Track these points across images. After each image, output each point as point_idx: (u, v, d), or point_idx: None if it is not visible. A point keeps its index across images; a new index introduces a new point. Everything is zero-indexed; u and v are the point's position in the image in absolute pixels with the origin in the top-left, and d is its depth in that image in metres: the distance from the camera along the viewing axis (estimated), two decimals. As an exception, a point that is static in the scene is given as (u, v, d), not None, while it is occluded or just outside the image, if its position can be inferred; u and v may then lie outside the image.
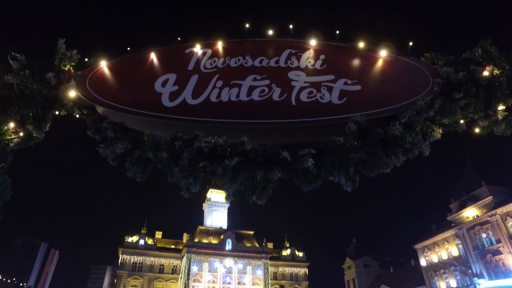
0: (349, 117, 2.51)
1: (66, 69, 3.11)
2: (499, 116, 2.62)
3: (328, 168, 2.30)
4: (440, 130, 2.60)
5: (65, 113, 3.19)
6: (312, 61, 3.17)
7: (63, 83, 3.00)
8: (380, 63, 3.10)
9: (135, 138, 2.80)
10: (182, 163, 2.38)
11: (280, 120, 2.68)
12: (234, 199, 2.38)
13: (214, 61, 3.27)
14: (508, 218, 35.13)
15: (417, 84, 2.87)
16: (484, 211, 38.04)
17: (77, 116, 3.20)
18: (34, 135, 3.07)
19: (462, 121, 2.64)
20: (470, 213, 40.54)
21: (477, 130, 2.75)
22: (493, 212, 36.35)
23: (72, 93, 3.01)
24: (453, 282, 42.23)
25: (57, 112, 3.16)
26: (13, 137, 3.02)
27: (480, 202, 38.87)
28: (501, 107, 2.62)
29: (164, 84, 3.12)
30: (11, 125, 2.98)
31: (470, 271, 38.91)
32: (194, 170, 2.35)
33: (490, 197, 37.61)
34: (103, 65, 3.31)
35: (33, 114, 2.95)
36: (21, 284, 15.89)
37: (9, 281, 14.52)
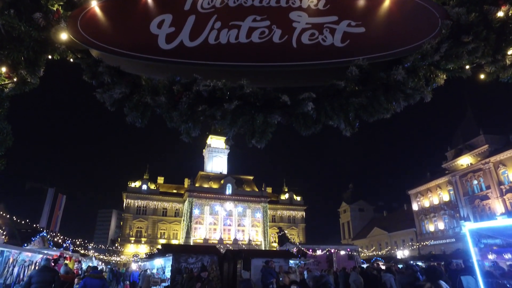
0: (351, 60, 2.42)
1: (55, 9, 2.94)
2: (507, 61, 2.53)
3: (328, 112, 2.29)
4: (444, 76, 2.53)
5: (59, 57, 3.08)
6: (315, 1, 2.99)
7: (52, 24, 2.86)
8: (386, 3, 2.92)
9: (132, 83, 2.75)
10: (181, 107, 2.36)
11: (280, 63, 2.60)
12: (233, 143, 2.40)
13: (212, 0, 3.08)
14: (501, 166, 36.05)
15: (424, 26, 2.73)
16: (479, 159, 38.88)
17: (71, 60, 3.09)
18: (28, 80, 3.00)
19: (467, 67, 2.55)
20: (465, 161, 41.48)
21: (482, 76, 2.68)
22: (487, 160, 37.18)
23: (64, 36, 2.88)
24: (441, 225, 44.71)
25: (50, 56, 3.05)
26: (6, 82, 2.96)
27: (476, 150, 39.55)
28: (510, 52, 2.52)
29: (160, 25, 2.97)
30: (3, 69, 2.90)
31: (458, 215, 40.98)
32: (193, 114, 2.34)
33: (486, 145, 38.18)
34: (94, 5, 3.11)
35: (25, 58, 2.86)
36: (34, 225, 16.80)
37: (23, 222, 15.38)
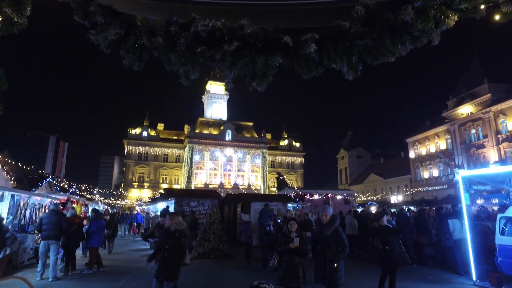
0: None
1: None
2: (527, -1, 2.36)
3: (330, 55, 2.20)
4: (456, 17, 2.38)
5: None
6: None
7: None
8: None
9: (127, 23, 2.60)
10: (179, 49, 2.26)
11: (283, 1, 2.45)
12: (233, 86, 2.35)
13: None
14: (501, 115, 36.02)
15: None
16: (480, 108, 38.68)
17: (59, -3, 2.89)
18: (15, 19, 2.84)
19: (482, 6, 2.38)
20: (466, 110, 41.31)
21: (497, 17, 2.52)
22: (488, 109, 37.02)
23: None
24: (435, 172, 45.98)
25: None
26: (-9, 22, 2.80)
27: (478, 99, 39.16)
28: (531, -12, 2.34)
29: (154, -41, 2.74)
30: (-15, 8, 2.72)
31: (453, 162, 41.92)
32: (192, 56, 2.25)
33: (489, 94, 37.72)
34: None
35: (7, -6, 2.67)
36: (39, 172, 17.22)
37: (28, 168, 15.76)
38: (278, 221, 11.42)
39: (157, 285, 5.19)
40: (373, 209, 17.01)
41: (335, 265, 4.83)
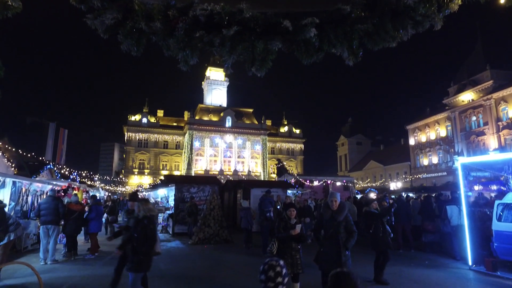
0: (360, -18, 2.23)
1: None
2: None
3: (331, 40, 2.17)
4: (459, 1, 2.34)
5: None
6: None
7: None
8: None
9: (124, 7, 2.55)
10: (178, 33, 2.23)
11: (283, -16, 2.40)
12: (232, 71, 2.32)
13: None
14: (502, 103, 35.87)
15: None
16: (481, 95, 38.49)
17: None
18: (9, 3, 2.79)
19: (486, -11, 2.33)
20: (467, 97, 41.12)
21: (501, 0, 2.47)
22: (489, 96, 36.84)
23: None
24: (435, 159, 46.12)
25: None
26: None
27: (480, 86, 38.92)
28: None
29: None
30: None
31: (452, 150, 42.01)
32: (191, 41, 2.22)
33: (491, 81, 37.47)
34: None
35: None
36: (40, 158, 17.21)
37: (29, 155, 15.73)
38: (278, 207, 11.54)
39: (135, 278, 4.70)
40: (372, 196, 17.15)
41: (347, 252, 4.82)
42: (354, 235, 4.85)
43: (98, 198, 12.17)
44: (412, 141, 51.13)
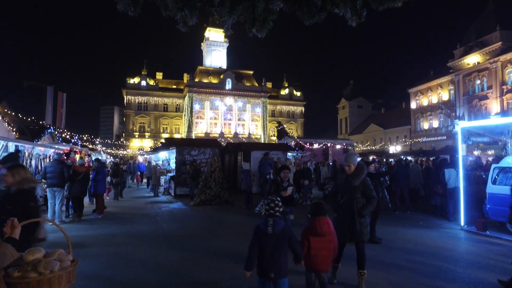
0: None
1: None
2: None
3: (334, -1, 2.09)
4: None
5: None
6: None
7: None
8: None
9: (119, -38, 2.43)
10: (175, -9, 2.15)
11: None
12: (233, 32, 2.26)
13: None
14: (509, 65, 35.07)
15: None
16: (488, 58, 37.50)
17: None
18: None
19: None
20: (473, 59, 40.10)
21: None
22: (496, 59, 35.91)
23: None
24: (435, 123, 46.03)
25: None
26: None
27: (487, 48, 37.75)
28: None
29: None
30: None
31: (453, 114, 41.78)
32: (189, 1, 2.14)
33: (499, 43, 36.28)
34: None
35: None
36: (40, 123, 17.08)
37: (29, 119, 15.53)
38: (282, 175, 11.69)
39: None
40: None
41: (363, 219, 4.36)
42: (373, 201, 4.38)
43: (102, 161, 12.38)
44: (413, 105, 50.69)
